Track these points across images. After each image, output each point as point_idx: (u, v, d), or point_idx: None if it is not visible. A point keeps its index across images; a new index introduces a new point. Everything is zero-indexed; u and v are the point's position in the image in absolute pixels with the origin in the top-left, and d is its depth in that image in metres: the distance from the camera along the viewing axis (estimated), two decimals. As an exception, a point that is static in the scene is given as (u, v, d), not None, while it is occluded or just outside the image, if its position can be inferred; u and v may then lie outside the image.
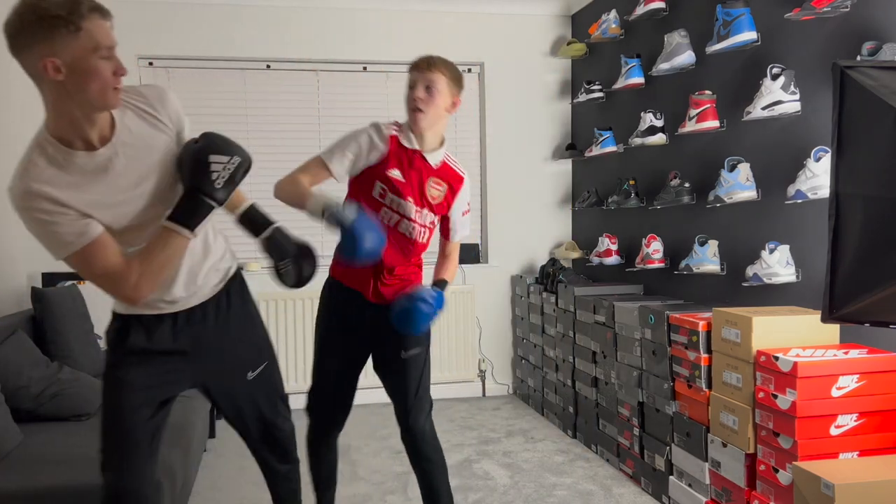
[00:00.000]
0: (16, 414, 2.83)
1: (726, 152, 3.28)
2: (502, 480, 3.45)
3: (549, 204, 5.10)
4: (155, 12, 4.49)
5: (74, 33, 1.56)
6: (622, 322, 3.48)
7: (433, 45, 4.90)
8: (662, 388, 3.12)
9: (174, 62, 4.60)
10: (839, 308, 1.61)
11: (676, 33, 3.47)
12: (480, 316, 4.99)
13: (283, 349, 4.64)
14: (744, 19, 3.01)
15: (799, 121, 2.86)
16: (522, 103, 5.02)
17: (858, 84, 1.55)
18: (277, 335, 4.64)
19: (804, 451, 2.34)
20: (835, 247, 1.60)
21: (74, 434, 2.77)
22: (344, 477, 3.53)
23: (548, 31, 5.04)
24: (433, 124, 2.41)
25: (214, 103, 4.64)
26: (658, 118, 3.72)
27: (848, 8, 2.57)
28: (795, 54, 2.88)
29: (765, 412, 2.49)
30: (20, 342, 3.02)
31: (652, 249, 3.76)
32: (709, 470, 2.83)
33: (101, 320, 4.37)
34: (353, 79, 4.85)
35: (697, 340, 2.86)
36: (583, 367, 3.92)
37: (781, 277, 2.85)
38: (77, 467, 2.38)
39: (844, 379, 2.35)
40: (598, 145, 4.34)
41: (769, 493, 2.48)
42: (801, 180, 2.70)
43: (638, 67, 3.93)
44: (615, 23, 4.20)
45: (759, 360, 2.52)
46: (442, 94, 2.38)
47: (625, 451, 3.49)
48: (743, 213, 3.21)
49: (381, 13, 4.80)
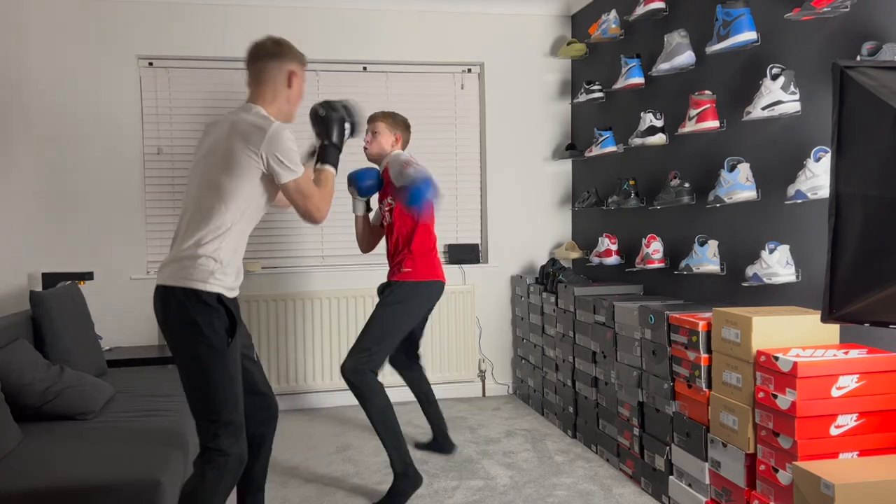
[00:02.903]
0: (18, 413, 2.84)
1: (726, 152, 3.28)
2: (502, 480, 3.45)
3: (548, 204, 5.10)
4: (155, 12, 4.49)
5: (304, 66, 2.58)
6: (622, 322, 3.48)
7: (433, 45, 4.94)
8: (662, 388, 3.12)
9: (174, 62, 4.60)
10: (839, 308, 1.61)
11: (676, 33, 3.47)
12: (480, 316, 5.00)
13: (281, 348, 4.65)
14: (744, 19, 3.01)
15: (799, 121, 2.87)
16: (522, 103, 5.02)
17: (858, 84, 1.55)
18: (266, 334, 4.65)
19: (804, 451, 2.34)
20: (835, 247, 1.60)
21: (76, 434, 2.78)
22: (344, 476, 3.53)
23: (548, 31, 5.04)
24: (380, 155, 3.51)
25: (214, 103, 4.64)
26: (658, 118, 3.72)
27: (848, 8, 2.57)
28: (795, 54, 2.88)
29: (765, 412, 2.49)
30: (21, 345, 3.02)
31: (652, 249, 3.76)
32: (709, 470, 2.83)
33: (101, 320, 4.41)
34: (353, 79, 4.85)
35: (697, 340, 2.87)
36: (583, 367, 3.92)
37: (781, 277, 2.85)
38: (77, 467, 2.39)
39: (844, 379, 2.35)
40: (598, 145, 4.34)
41: (769, 493, 2.48)
42: (801, 180, 2.70)
43: (638, 67, 3.93)
44: (615, 23, 4.20)
45: (759, 360, 2.52)
46: (383, 135, 3.49)
47: (625, 451, 3.49)
48: (743, 213, 3.22)
49: (381, 13, 4.80)
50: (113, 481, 2.30)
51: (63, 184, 4.44)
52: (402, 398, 4.61)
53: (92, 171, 4.47)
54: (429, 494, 3.29)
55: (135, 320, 4.52)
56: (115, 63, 4.47)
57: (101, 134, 4.48)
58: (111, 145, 4.50)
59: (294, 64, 2.51)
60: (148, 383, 3.55)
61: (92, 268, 4.45)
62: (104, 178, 4.51)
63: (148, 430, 2.82)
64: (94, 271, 4.44)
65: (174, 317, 2.26)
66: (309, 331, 4.70)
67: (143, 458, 2.49)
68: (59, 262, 4.43)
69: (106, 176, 4.51)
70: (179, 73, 4.63)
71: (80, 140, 4.46)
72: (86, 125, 4.46)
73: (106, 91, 4.47)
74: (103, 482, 2.29)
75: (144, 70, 4.58)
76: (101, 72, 4.45)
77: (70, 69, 4.42)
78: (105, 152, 4.50)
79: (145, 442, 2.67)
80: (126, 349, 4.37)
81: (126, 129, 4.50)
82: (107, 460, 2.45)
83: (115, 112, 4.49)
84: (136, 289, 4.53)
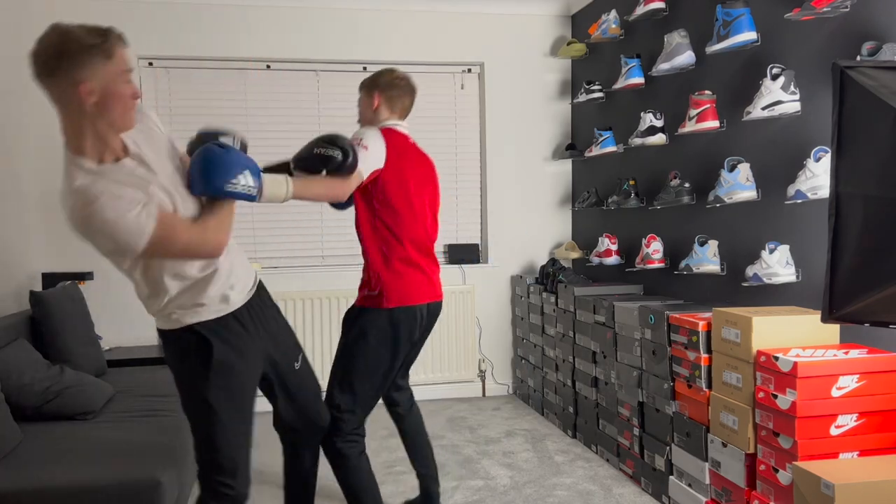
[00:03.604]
0: (18, 413, 2.83)
1: (726, 152, 3.28)
2: (502, 480, 3.45)
3: (548, 204, 5.10)
4: (155, 12, 4.49)
5: (107, 60, 1.72)
6: (622, 322, 3.48)
7: (433, 45, 4.94)
8: (662, 388, 3.12)
9: (174, 62, 4.60)
10: (839, 308, 1.61)
11: (676, 33, 3.47)
12: (480, 316, 4.99)
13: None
14: (744, 19, 3.01)
15: (799, 121, 2.87)
16: (522, 103, 5.02)
17: (858, 84, 1.55)
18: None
19: (804, 451, 2.34)
20: (835, 247, 1.60)
21: (76, 434, 2.77)
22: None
23: (548, 31, 5.04)
24: (370, 125, 2.69)
25: (214, 103, 4.65)
26: (658, 118, 3.72)
27: (848, 8, 2.57)
28: (795, 54, 2.88)
29: (765, 412, 2.49)
30: (21, 345, 3.02)
31: (652, 249, 3.76)
32: (709, 470, 2.83)
33: (101, 319, 4.41)
34: (354, 79, 4.85)
35: (697, 340, 2.86)
36: (583, 367, 3.92)
37: (781, 277, 2.85)
38: (77, 467, 2.39)
39: (844, 379, 2.35)
40: (598, 145, 4.34)
41: (769, 493, 2.48)
42: (801, 180, 2.70)
43: (638, 67, 3.93)
44: (615, 23, 4.20)
45: (759, 360, 2.52)
46: (362, 102, 2.73)
47: (625, 451, 3.49)
48: (743, 213, 3.21)
49: (381, 13, 4.80)
50: (113, 481, 2.30)
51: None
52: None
53: (92, 171, 4.46)
54: (429, 494, 3.29)
55: (135, 320, 4.52)
56: (115, 63, 4.47)
57: (101, 134, 4.47)
58: (111, 145, 4.50)
59: (76, 75, 1.72)
60: (148, 383, 3.54)
61: (92, 268, 4.45)
62: (104, 178, 4.50)
63: (148, 430, 2.82)
64: (94, 271, 4.44)
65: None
66: (309, 331, 4.70)
67: (143, 458, 2.48)
68: (59, 262, 4.43)
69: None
70: (179, 73, 4.62)
71: (80, 140, 4.45)
72: (86, 125, 4.45)
73: (106, 91, 4.47)
74: (103, 482, 2.29)
75: (144, 70, 4.58)
76: (101, 72, 4.45)
77: (70, 69, 4.41)
78: (105, 152, 4.49)
79: (145, 442, 2.66)
80: (126, 349, 4.37)
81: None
82: (107, 460, 2.45)
83: (115, 112, 4.49)
84: (136, 289, 4.53)
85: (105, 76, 1.73)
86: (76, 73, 1.70)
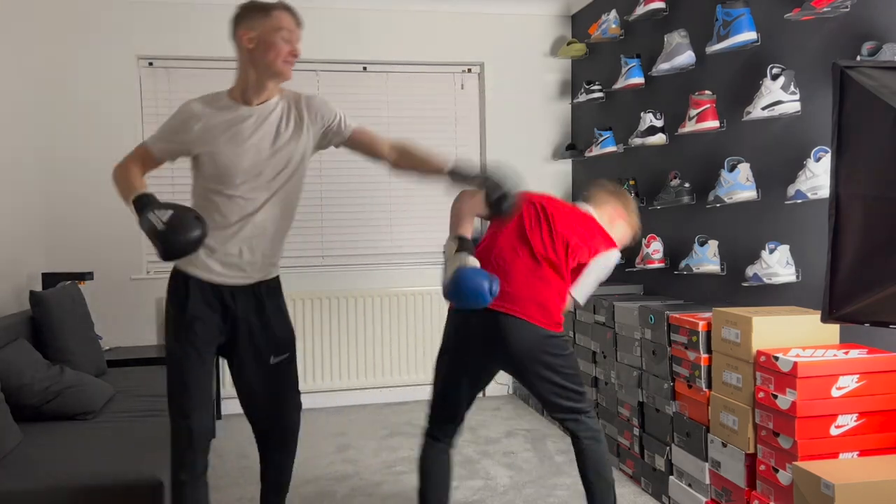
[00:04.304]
0: (18, 413, 2.83)
1: (726, 152, 3.28)
2: (502, 480, 3.45)
3: (549, 204, 5.09)
4: (155, 12, 4.49)
5: (265, 16, 2.16)
6: (622, 322, 3.48)
7: (433, 45, 4.93)
8: (662, 388, 3.12)
9: (174, 62, 4.60)
10: (839, 308, 1.61)
11: (676, 33, 3.47)
12: (480, 316, 4.99)
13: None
14: (744, 19, 3.01)
15: (799, 121, 2.87)
16: (522, 103, 5.02)
17: (858, 84, 1.55)
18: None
19: (804, 451, 2.34)
20: (835, 247, 1.60)
21: (76, 434, 2.77)
22: (344, 476, 3.53)
23: (548, 31, 5.04)
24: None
25: (214, 103, 4.64)
26: (658, 118, 3.72)
27: (848, 8, 2.57)
28: (795, 54, 2.88)
29: (765, 412, 2.49)
30: (21, 345, 3.02)
31: (652, 249, 3.76)
32: (709, 470, 2.83)
33: (101, 319, 4.41)
34: (353, 79, 4.85)
35: (697, 340, 2.86)
36: (583, 367, 3.92)
37: (781, 277, 2.85)
38: (77, 467, 2.39)
39: (844, 379, 2.35)
40: (598, 145, 4.34)
41: (769, 493, 2.48)
42: (801, 180, 2.70)
43: (638, 67, 3.93)
44: (615, 23, 4.20)
45: (759, 360, 2.52)
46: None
47: (625, 451, 3.49)
48: (743, 213, 3.21)
49: (381, 13, 4.80)
50: (113, 481, 2.30)
51: (63, 184, 4.44)
52: (403, 398, 4.61)
53: (92, 171, 4.46)
54: (429, 494, 3.29)
55: (135, 320, 4.52)
56: (115, 63, 4.47)
57: (101, 134, 4.48)
58: (111, 145, 4.49)
59: (242, 26, 2.18)
60: (148, 383, 3.54)
61: (92, 268, 4.45)
62: (104, 179, 4.49)
63: (148, 430, 2.82)
64: (94, 271, 4.44)
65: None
66: (308, 331, 4.70)
67: (143, 458, 2.49)
68: (59, 262, 4.43)
69: (106, 176, 4.47)
70: (179, 73, 4.62)
71: (80, 140, 4.45)
72: (86, 125, 4.46)
73: (106, 91, 4.47)
74: (103, 482, 2.29)
75: (144, 70, 4.58)
76: (101, 72, 4.45)
77: (70, 69, 4.42)
78: (105, 152, 4.49)
79: (145, 442, 2.67)
80: (126, 349, 4.37)
81: (126, 129, 4.50)
82: (107, 460, 2.45)
83: (115, 112, 4.49)
84: (136, 289, 4.53)
85: (262, 28, 2.16)
86: (242, 23, 2.18)
